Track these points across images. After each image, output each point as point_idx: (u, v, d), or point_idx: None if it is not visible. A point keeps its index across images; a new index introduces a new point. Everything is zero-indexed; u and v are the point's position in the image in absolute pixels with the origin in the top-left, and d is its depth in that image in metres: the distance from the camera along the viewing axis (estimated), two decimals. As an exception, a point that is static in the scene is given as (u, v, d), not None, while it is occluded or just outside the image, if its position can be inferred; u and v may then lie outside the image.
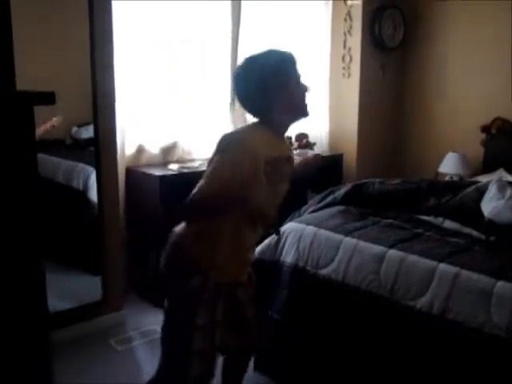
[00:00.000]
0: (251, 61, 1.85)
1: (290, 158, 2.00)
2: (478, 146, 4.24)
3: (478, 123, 4.15)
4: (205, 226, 1.83)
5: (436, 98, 4.54)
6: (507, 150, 4.04)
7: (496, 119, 4.09)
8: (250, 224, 1.85)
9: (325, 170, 2.85)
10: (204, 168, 1.90)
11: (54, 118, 2.75)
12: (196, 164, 3.53)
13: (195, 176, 1.85)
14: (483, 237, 2.44)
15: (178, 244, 1.86)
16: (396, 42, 4.48)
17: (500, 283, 1.97)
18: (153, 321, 3.10)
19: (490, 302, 1.96)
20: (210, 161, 1.77)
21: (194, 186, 1.75)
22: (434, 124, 4.57)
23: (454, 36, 4.36)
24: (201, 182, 1.75)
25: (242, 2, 3.80)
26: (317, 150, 4.24)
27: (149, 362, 2.62)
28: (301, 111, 1.90)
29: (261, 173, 1.77)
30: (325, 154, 4.25)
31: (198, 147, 3.74)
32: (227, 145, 1.77)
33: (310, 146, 4.22)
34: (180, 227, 1.87)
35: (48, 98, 1.30)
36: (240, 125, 3.01)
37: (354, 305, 2.29)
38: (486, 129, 4.16)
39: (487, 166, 4.11)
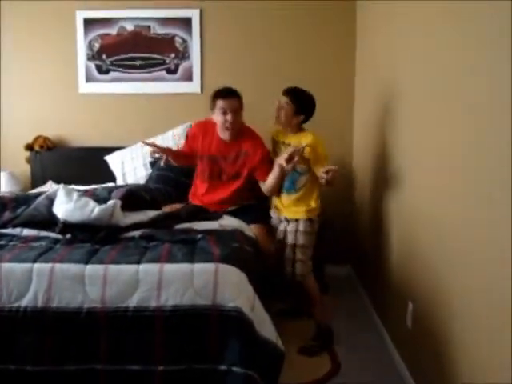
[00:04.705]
0: None
1: None
2: (24, 164, 4.57)
3: (23, 142, 4.48)
4: None
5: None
6: (51, 164, 4.51)
7: (38, 137, 4.51)
8: None
9: None
10: None
11: None
12: None
13: None
14: (61, 236, 2.85)
15: None
16: None
17: (89, 266, 2.44)
18: None
19: (84, 283, 2.40)
20: None
21: None
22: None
23: None
24: None
25: None
26: None
27: None
28: None
29: None
30: None
31: None
32: None
33: None
34: None
35: None
36: None
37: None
38: (29, 147, 4.53)
39: (36, 181, 4.50)
